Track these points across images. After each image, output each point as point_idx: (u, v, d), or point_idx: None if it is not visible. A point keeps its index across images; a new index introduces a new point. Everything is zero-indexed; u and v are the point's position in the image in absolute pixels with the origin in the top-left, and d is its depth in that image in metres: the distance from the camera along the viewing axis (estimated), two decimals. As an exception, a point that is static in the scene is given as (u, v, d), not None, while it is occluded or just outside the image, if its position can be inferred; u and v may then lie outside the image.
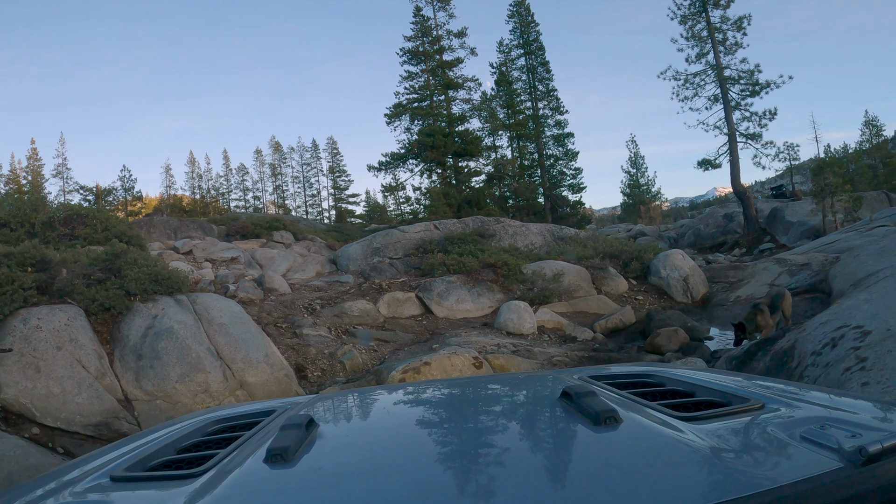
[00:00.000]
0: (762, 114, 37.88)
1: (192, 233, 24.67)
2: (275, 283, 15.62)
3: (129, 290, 9.90)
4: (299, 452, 1.43)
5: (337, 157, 78.94)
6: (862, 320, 6.67)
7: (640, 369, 2.32)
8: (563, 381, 2.02)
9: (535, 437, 1.60)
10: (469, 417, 1.86)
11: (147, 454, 1.66)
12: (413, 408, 2.13)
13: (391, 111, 42.13)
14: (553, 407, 1.75)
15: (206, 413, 2.24)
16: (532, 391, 2.20)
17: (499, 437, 1.61)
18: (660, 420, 1.50)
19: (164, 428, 2.03)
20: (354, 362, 10.53)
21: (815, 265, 15.05)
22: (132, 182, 61.22)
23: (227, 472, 1.38)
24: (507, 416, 1.87)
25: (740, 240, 37.52)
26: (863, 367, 5.61)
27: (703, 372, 2.19)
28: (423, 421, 1.92)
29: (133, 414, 8.66)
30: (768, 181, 79.04)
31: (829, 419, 1.36)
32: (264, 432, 1.73)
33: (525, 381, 2.50)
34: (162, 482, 1.44)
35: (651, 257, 17.63)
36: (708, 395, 1.80)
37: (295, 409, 1.99)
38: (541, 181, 47.19)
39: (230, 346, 9.56)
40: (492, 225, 22.34)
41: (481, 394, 2.25)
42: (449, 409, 2.07)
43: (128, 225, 19.07)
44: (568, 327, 13.09)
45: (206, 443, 1.80)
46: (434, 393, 2.34)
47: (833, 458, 1.14)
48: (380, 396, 2.41)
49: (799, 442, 1.26)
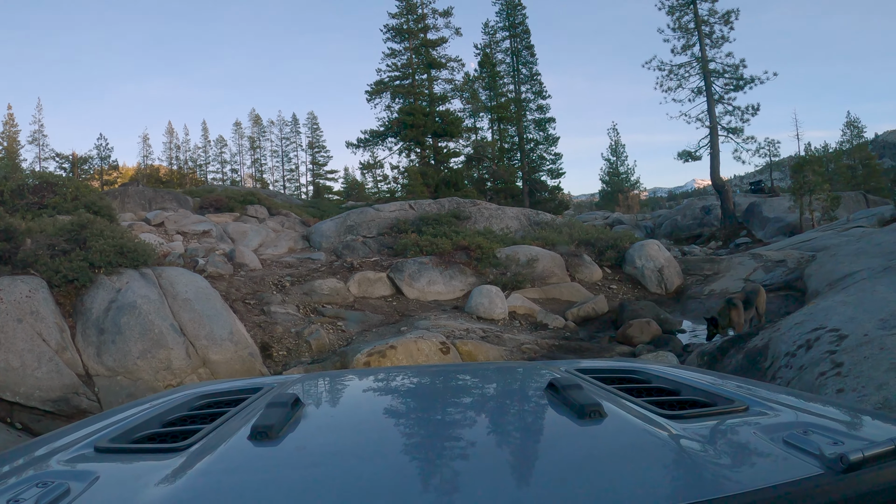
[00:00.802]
0: (745, 108, 38.11)
1: (166, 204, 24.42)
2: (245, 258, 15.45)
3: (93, 262, 9.73)
4: (284, 431, 1.43)
5: (317, 132, 78.46)
6: (838, 323, 6.58)
7: (627, 365, 2.32)
8: (550, 373, 2.00)
9: (520, 427, 1.60)
10: (456, 404, 1.89)
11: (132, 426, 1.65)
12: (400, 392, 2.13)
13: (372, 88, 41.78)
14: (539, 398, 1.77)
15: (193, 387, 2.22)
16: (519, 381, 2.20)
17: (484, 424, 1.63)
18: (644, 416, 1.50)
19: (150, 401, 2.03)
20: (321, 342, 10.41)
21: (791, 262, 15.11)
22: (108, 151, 60.43)
23: (211, 447, 1.38)
24: (493, 404, 1.90)
25: (717, 233, 37.81)
26: (838, 372, 5.51)
27: (689, 371, 2.20)
28: (409, 406, 1.91)
29: (93, 390, 8.54)
30: (747, 176, 79.49)
31: (813, 425, 1.37)
32: (250, 409, 1.73)
33: (513, 371, 2.51)
34: (146, 454, 1.43)
35: (627, 246, 17.53)
36: (693, 394, 1.80)
37: (281, 388, 1.97)
38: (520, 165, 47.10)
39: (194, 322, 9.43)
40: (468, 207, 22.22)
41: (469, 381, 2.26)
42: (437, 395, 2.06)
43: (98, 195, 18.69)
44: (539, 314, 13.04)
45: (192, 417, 1.80)
46: (423, 379, 2.34)
47: (814, 463, 1.14)
48: (368, 379, 2.38)
49: (781, 446, 1.26)
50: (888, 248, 11.23)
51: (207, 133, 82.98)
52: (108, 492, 1.19)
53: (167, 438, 1.55)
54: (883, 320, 6.18)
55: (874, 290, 7.63)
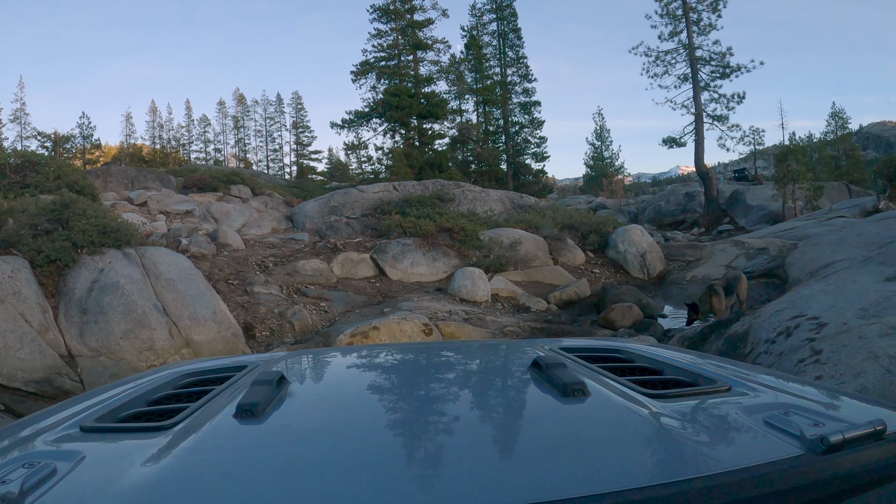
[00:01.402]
0: (730, 96, 38.19)
1: (149, 183, 24.18)
2: (229, 238, 15.42)
3: (76, 241, 9.69)
4: (269, 409, 1.43)
5: (301, 112, 77.99)
6: (818, 311, 6.66)
7: (611, 344, 2.31)
8: (534, 351, 2.01)
9: (504, 404, 1.62)
10: (440, 381, 1.90)
11: (117, 405, 1.62)
12: (385, 370, 2.12)
13: (358, 69, 41.57)
14: (523, 376, 1.77)
15: (178, 366, 2.19)
16: (504, 359, 2.21)
17: (468, 401, 1.63)
18: (627, 395, 1.49)
19: (135, 380, 2.00)
20: (304, 323, 10.44)
21: (773, 250, 15.22)
22: (91, 129, 59.98)
23: (197, 425, 1.37)
24: (478, 382, 1.91)
25: (700, 219, 38.01)
26: (817, 359, 5.59)
27: (672, 350, 2.19)
28: (394, 383, 1.92)
29: (76, 370, 8.53)
30: (731, 163, 79.66)
31: (794, 406, 1.37)
32: (235, 387, 1.72)
33: (497, 349, 2.53)
34: (132, 433, 1.42)
35: (610, 231, 17.59)
36: (676, 374, 1.80)
37: (266, 366, 1.97)
38: (505, 148, 47.09)
39: (177, 302, 9.42)
40: (452, 189, 22.22)
41: (454, 359, 2.28)
42: (421, 372, 2.07)
43: (81, 174, 18.58)
44: (522, 297, 13.10)
45: (177, 396, 1.78)
46: (408, 356, 2.35)
47: (795, 444, 1.14)
48: (352, 357, 2.39)
49: (762, 427, 1.26)
50: (869, 239, 11.32)
51: (191, 112, 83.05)
52: (94, 471, 1.18)
53: (153, 417, 1.54)
54: (862, 309, 6.27)
55: (854, 280, 7.72)
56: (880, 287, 6.97)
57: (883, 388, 4.77)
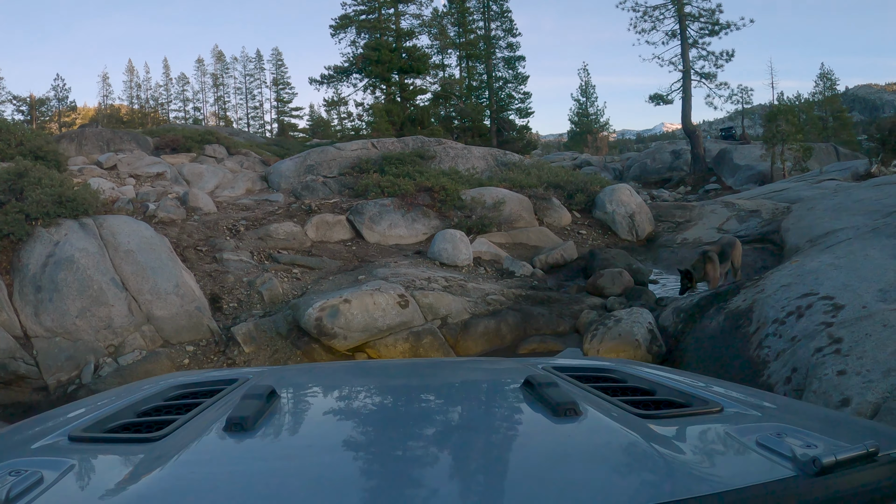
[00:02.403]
0: (719, 54, 38.36)
1: (124, 145, 23.40)
2: (199, 201, 14.81)
3: (29, 213, 9.17)
4: (259, 423, 1.43)
5: (281, 68, 76.70)
6: (831, 290, 6.17)
7: (604, 364, 2.32)
8: (526, 370, 1.99)
9: (495, 423, 1.62)
10: (431, 399, 1.89)
11: (106, 416, 1.65)
12: (376, 387, 2.12)
13: (337, 23, 40.55)
14: (515, 394, 1.78)
15: (168, 378, 2.25)
16: (496, 377, 2.22)
17: (458, 419, 1.65)
18: (620, 416, 1.51)
19: (124, 390, 2.06)
20: (274, 292, 9.93)
21: (766, 213, 14.89)
22: (66, 92, 59.48)
23: (186, 438, 1.39)
24: (469, 400, 1.92)
25: (686, 178, 38.15)
26: (837, 349, 5.09)
27: (664, 371, 2.21)
28: (384, 400, 1.94)
29: (32, 353, 8.11)
30: (716, 122, 79.91)
31: (786, 428, 1.37)
32: (225, 400, 1.74)
33: (490, 367, 2.55)
34: (120, 444, 1.43)
35: (597, 190, 17.07)
36: (668, 394, 1.79)
37: (257, 379, 1.99)
38: (488, 103, 46.60)
39: (137, 275, 8.92)
40: (433, 146, 21.63)
41: (445, 376, 2.32)
42: (412, 390, 2.06)
43: (46, 139, 17.83)
44: (506, 261, 12.64)
45: (167, 407, 1.79)
46: (399, 373, 2.43)
47: (787, 466, 1.14)
48: (343, 372, 2.47)
49: (755, 448, 1.27)
50: (870, 206, 10.95)
51: (169, 71, 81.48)
52: (81, 481, 1.20)
53: (142, 429, 1.55)
54: (882, 291, 5.79)
55: (866, 254, 7.20)
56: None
57: (918, 390, 4.31)
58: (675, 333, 7.95)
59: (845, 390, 4.54)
